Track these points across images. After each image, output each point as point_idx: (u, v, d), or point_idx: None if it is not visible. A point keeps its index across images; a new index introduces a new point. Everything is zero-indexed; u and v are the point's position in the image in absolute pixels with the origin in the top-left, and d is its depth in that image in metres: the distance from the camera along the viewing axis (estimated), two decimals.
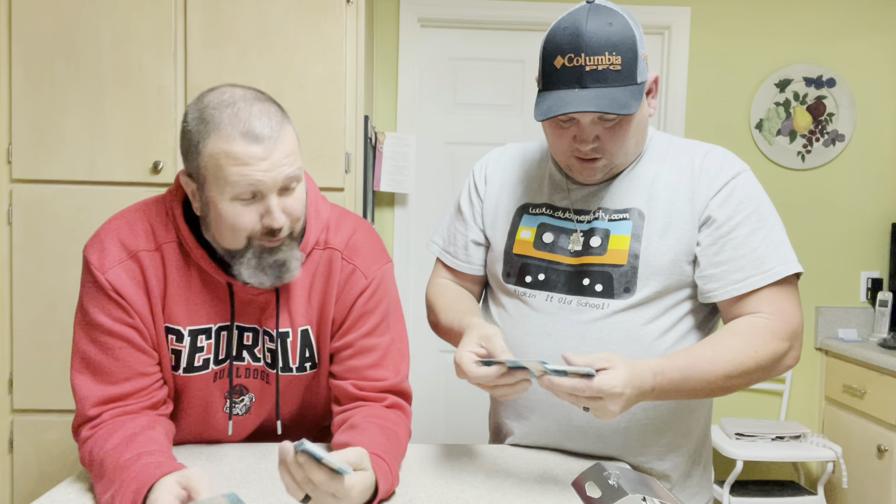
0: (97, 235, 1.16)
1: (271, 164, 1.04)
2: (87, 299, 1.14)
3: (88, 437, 1.09)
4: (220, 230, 1.10)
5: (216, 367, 1.20)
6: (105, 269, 1.12)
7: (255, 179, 1.03)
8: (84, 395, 1.12)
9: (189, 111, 1.08)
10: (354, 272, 1.21)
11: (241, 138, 1.02)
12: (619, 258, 1.21)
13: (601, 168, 1.22)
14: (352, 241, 1.23)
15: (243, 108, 1.04)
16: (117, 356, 1.12)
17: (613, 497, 0.89)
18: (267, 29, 2.13)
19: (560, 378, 0.99)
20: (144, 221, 1.16)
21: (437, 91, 3.00)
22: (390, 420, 1.18)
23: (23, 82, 2.10)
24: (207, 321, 1.18)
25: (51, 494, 1.08)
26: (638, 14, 2.91)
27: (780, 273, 1.17)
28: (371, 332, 1.23)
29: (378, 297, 1.24)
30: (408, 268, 2.97)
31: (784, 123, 2.99)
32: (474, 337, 1.11)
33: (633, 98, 1.13)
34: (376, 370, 1.22)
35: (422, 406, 2.99)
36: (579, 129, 1.17)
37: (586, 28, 1.11)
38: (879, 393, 2.63)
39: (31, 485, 2.16)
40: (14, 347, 2.14)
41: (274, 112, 1.07)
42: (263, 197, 1.06)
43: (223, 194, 1.05)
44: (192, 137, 1.06)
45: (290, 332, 1.21)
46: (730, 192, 1.20)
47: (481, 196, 1.39)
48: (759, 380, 1.17)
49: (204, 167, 1.05)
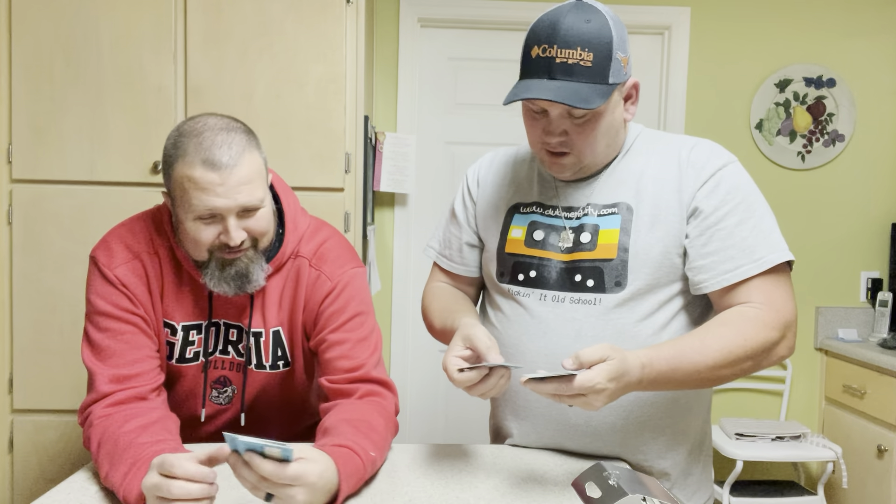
0: (104, 240, 1.28)
1: (226, 189, 1.13)
2: (96, 293, 1.24)
3: (104, 415, 1.15)
4: (186, 243, 1.22)
5: (204, 360, 1.32)
6: (113, 267, 1.24)
7: (211, 204, 1.14)
8: (97, 372, 1.20)
9: (170, 136, 1.19)
10: (320, 277, 1.31)
11: (201, 165, 1.13)
12: (609, 252, 1.21)
13: (570, 165, 1.23)
14: (320, 250, 1.32)
15: (207, 138, 1.14)
16: (125, 340, 1.22)
17: (613, 497, 0.89)
18: (267, 29, 2.13)
19: (542, 384, 1.00)
20: (144, 229, 1.28)
21: (436, 91, 3.00)
22: (360, 411, 1.21)
23: (23, 82, 2.10)
24: (197, 318, 1.29)
25: (51, 494, 1.08)
26: (638, 14, 2.94)
27: (770, 262, 1.16)
28: (338, 328, 1.29)
29: (345, 297, 1.30)
30: (407, 268, 2.97)
31: (784, 123, 2.99)
32: (458, 340, 1.14)
33: (598, 95, 1.13)
34: (344, 361, 1.27)
35: (422, 406, 3.00)
36: (548, 121, 1.19)
37: (563, 22, 1.14)
38: (879, 393, 2.63)
39: (31, 485, 2.16)
40: (14, 347, 2.14)
41: (237, 142, 1.16)
42: (223, 218, 1.16)
43: (187, 213, 1.16)
44: (167, 160, 1.17)
45: (263, 332, 1.31)
46: (717, 183, 1.20)
47: (474, 199, 1.41)
48: (751, 370, 1.16)
49: (173, 187, 1.17)
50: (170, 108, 2.13)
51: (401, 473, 1.18)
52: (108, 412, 1.15)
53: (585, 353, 1.01)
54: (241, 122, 1.21)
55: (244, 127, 1.20)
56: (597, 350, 1.01)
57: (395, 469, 1.21)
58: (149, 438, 1.09)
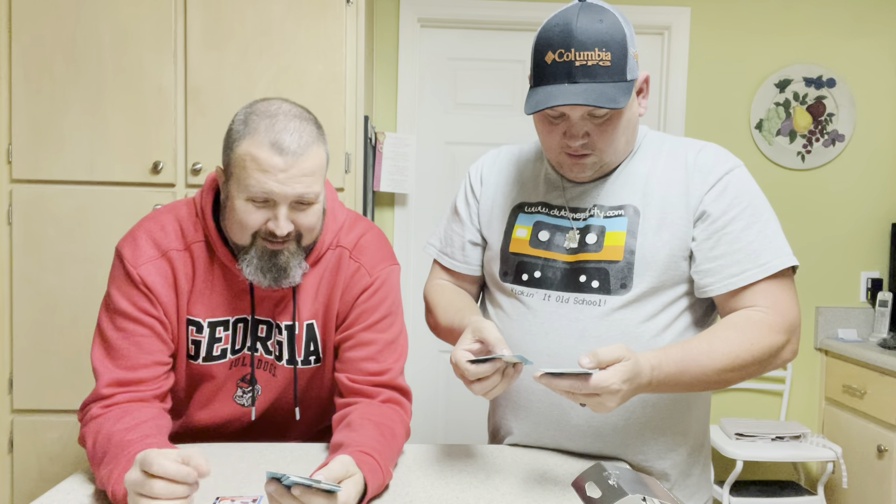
0: (131, 234, 1.24)
1: (287, 177, 1.11)
2: (116, 289, 1.21)
3: (99, 414, 1.14)
4: (231, 223, 1.18)
5: (232, 357, 1.27)
6: (138, 265, 1.20)
7: (268, 188, 1.11)
8: (101, 373, 1.18)
9: (239, 112, 1.17)
10: (359, 269, 1.27)
11: (269, 147, 1.10)
12: (616, 254, 1.21)
13: (591, 165, 1.23)
14: (361, 242, 1.29)
15: (280, 121, 1.12)
16: (137, 343, 1.19)
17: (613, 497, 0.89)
18: (267, 29, 2.13)
19: (557, 379, 0.99)
20: (175, 222, 1.24)
21: (436, 91, 3.00)
22: (386, 416, 1.20)
23: (23, 82, 2.10)
24: (226, 314, 1.25)
25: (51, 494, 1.08)
26: (638, 14, 2.93)
27: (775, 266, 1.17)
28: (370, 327, 1.27)
29: (380, 295, 1.28)
30: (408, 268, 2.97)
31: (784, 123, 2.99)
32: (468, 333, 1.12)
33: (623, 94, 1.13)
34: (370, 363, 1.26)
35: (422, 406, 2.99)
36: (569, 124, 1.18)
37: (577, 24, 1.13)
38: (879, 393, 2.63)
39: (31, 485, 2.16)
40: (14, 347, 2.14)
41: (308, 132, 1.14)
42: (275, 205, 1.13)
43: (240, 192, 1.13)
44: (232, 135, 1.15)
45: (297, 326, 1.27)
46: (724, 187, 1.20)
47: (477, 197, 1.40)
48: (756, 373, 1.17)
49: (233, 164, 1.14)
50: (170, 108, 2.13)
51: (401, 473, 1.18)
52: (103, 411, 1.14)
53: (603, 351, 1.01)
54: (313, 115, 1.19)
55: (316, 119, 1.18)
56: (613, 350, 1.01)
57: (396, 469, 1.20)
58: (136, 435, 1.07)
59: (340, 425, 1.18)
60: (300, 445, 1.29)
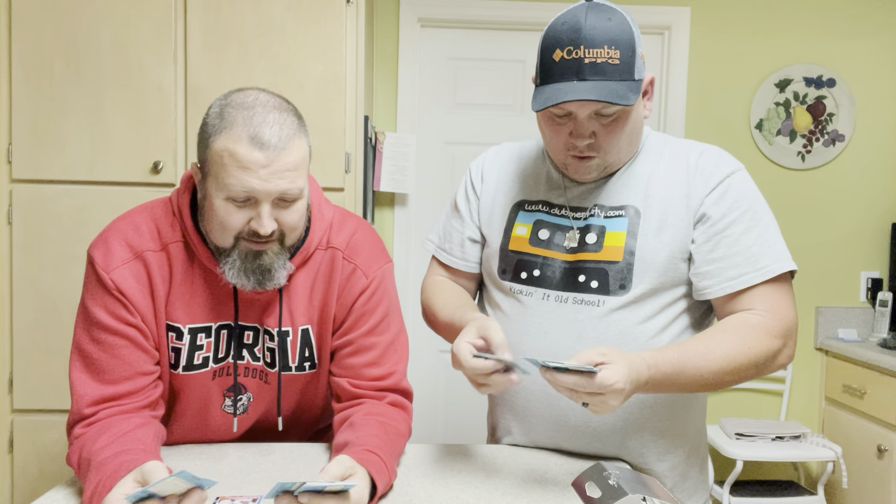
0: (102, 235, 1.16)
1: (270, 172, 1.04)
2: (90, 298, 1.14)
3: (80, 434, 1.09)
4: (211, 224, 1.11)
5: (215, 366, 1.21)
6: (110, 269, 1.12)
7: (249, 186, 1.04)
8: (81, 392, 1.11)
9: (213, 105, 1.09)
10: (355, 271, 1.22)
11: (248, 141, 1.03)
12: (615, 255, 1.21)
13: (596, 166, 1.23)
14: (353, 241, 1.24)
15: (259, 113, 1.05)
16: (118, 355, 1.12)
17: (613, 497, 0.89)
18: (267, 29, 2.13)
19: (562, 375, 0.99)
20: (150, 222, 1.16)
21: (436, 91, 3.00)
22: (390, 416, 1.19)
23: (23, 83, 2.10)
24: (208, 319, 1.18)
25: (51, 494, 1.08)
26: (638, 14, 2.93)
27: (774, 270, 1.17)
28: (371, 331, 1.23)
29: (378, 296, 1.24)
30: (407, 268, 2.97)
31: (784, 123, 2.99)
32: (473, 328, 1.12)
33: (631, 91, 1.13)
34: (374, 368, 1.23)
35: (421, 406, 2.99)
36: (576, 124, 1.18)
37: (586, 22, 1.13)
38: (879, 393, 2.63)
39: (31, 485, 2.16)
40: (14, 347, 2.14)
41: (289, 123, 1.07)
42: (257, 203, 1.07)
43: (219, 191, 1.06)
44: (207, 130, 1.07)
45: (291, 331, 1.21)
46: (725, 190, 1.20)
47: (478, 193, 1.39)
48: (753, 377, 1.17)
49: (210, 160, 1.07)
50: (170, 108, 2.13)
51: (401, 473, 1.18)
52: (84, 430, 1.09)
53: (587, 351, 1.02)
54: (292, 104, 1.11)
55: (295, 109, 1.11)
56: (598, 350, 1.02)
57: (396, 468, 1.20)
58: (110, 452, 1.01)
59: (344, 425, 1.16)
60: (300, 445, 1.29)
